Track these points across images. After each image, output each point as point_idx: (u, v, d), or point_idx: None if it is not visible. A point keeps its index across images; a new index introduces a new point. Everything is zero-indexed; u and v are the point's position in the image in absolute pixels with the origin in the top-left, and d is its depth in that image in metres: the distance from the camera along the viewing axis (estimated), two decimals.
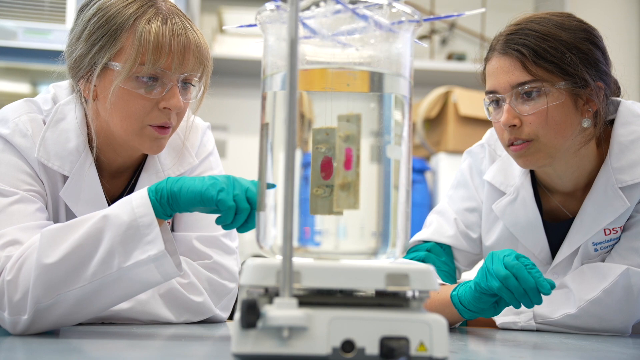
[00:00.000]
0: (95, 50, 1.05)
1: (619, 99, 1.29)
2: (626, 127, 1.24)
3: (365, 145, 0.71)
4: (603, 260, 1.26)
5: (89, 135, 1.13)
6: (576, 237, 1.26)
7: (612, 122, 1.27)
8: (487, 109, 1.25)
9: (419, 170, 2.88)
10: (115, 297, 0.94)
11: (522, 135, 1.18)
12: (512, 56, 1.18)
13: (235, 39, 3.04)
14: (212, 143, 1.28)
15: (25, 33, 2.44)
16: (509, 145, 1.21)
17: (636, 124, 1.24)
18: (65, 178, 1.11)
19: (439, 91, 2.92)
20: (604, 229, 1.24)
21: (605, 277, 1.21)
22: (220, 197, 0.90)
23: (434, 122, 2.96)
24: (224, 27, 1.06)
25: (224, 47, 3.04)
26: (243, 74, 3.17)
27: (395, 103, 0.73)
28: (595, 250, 1.26)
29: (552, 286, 1.02)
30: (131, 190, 1.18)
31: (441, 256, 1.36)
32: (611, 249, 1.26)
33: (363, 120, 0.71)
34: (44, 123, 1.11)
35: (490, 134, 1.41)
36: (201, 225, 1.19)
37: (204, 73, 1.11)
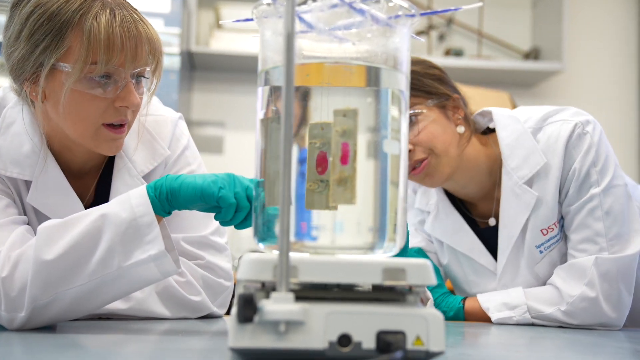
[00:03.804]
0: (39, 51, 0.99)
1: (489, 108, 1.42)
2: (505, 129, 1.36)
3: (362, 140, 0.71)
4: (552, 262, 1.32)
5: (42, 135, 1.08)
6: (506, 237, 1.34)
7: (494, 131, 1.40)
8: None
9: None
10: (114, 295, 0.94)
11: (419, 156, 1.31)
12: None
13: (232, 34, 3.04)
14: (187, 135, 1.23)
15: None
16: (410, 172, 1.33)
17: (513, 124, 1.36)
18: (26, 184, 1.07)
19: None
20: (541, 230, 1.31)
21: (582, 272, 1.25)
22: (222, 194, 0.90)
23: None
24: (220, 22, 1.05)
25: (221, 43, 3.04)
26: (240, 69, 3.16)
27: (392, 98, 0.73)
28: (541, 252, 1.32)
29: None
30: (104, 190, 1.14)
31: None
32: (555, 246, 1.31)
33: (360, 115, 0.71)
34: None
35: None
36: (188, 226, 1.16)
37: (157, 65, 1.06)
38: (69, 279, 0.89)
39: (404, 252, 1.01)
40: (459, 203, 1.45)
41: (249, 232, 1.30)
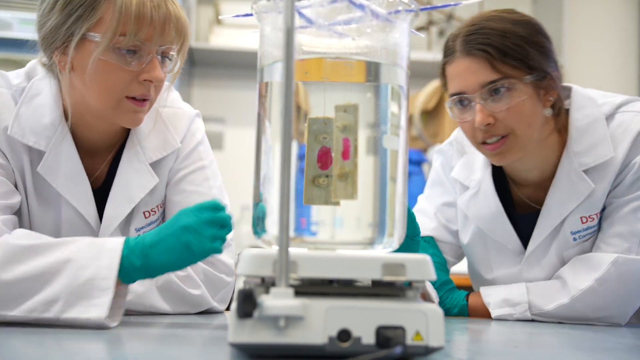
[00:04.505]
0: (71, 21, 1.03)
1: (569, 84, 1.32)
2: (581, 111, 1.27)
3: (362, 136, 0.71)
4: (583, 251, 1.27)
5: (64, 109, 1.11)
6: (545, 224, 1.28)
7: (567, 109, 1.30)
8: (451, 110, 1.27)
9: (416, 162, 2.88)
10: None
11: (498, 132, 1.21)
12: (478, 56, 1.20)
13: (232, 30, 3.03)
14: (202, 131, 1.26)
15: (20, 24, 2.43)
16: (482, 143, 1.23)
17: (590, 107, 1.27)
18: (32, 153, 1.09)
19: (436, 83, 2.92)
20: (580, 217, 1.26)
21: (597, 266, 1.22)
22: (217, 245, 0.89)
23: (431, 114, 2.96)
24: (220, 17, 1.06)
25: (221, 39, 3.03)
26: (240, 65, 3.15)
27: (392, 93, 0.73)
28: (574, 239, 1.27)
29: None
30: (111, 173, 1.16)
31: (428, 249, 1.37)
32: (590, 237, 1.27)
33: (360, 111, 0.71)
34: (13, 98, 1.10)
35: (459, 131, 1.44)
36: None
37: (183, 46, 1.09)
38: (9, 306, 0.88)
39: (416, 241, 0.99)
40: (504, 181, 1.35)
41: (248, 227, 1.30)
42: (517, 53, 1.19)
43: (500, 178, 1.36)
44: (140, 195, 1.15)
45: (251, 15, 0.76)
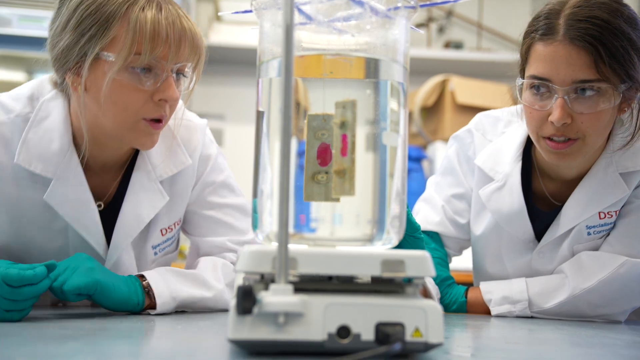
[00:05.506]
0: (84, 40, 1.00)
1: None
2: None
3: (361, 132, 0.71)
4: (593, 247, 1.26)
5: (73, 133, 1.09)
6: (567, 219, 1.24)
7: None
8: (520, 90, 1.17)
9: (416, 158, 2.88)
10: None
11: (569, 133, 1.12)
12: (584, 49, 1.08)
13: (231, 27, 3.03)
14: (214, 141, 1.26)
15: (20, 20, 2.43)
16: (546, 139, 1.15)
17: None
18: (37, 179, 1.07)
19: (436, 80, 2.91)
20: (599, 213, 1.22)
21: (604, 267, 1.21)
22: (13, 316, 0.88)
23: (431, 111, 2.96)
24: (219, 13, 1.06)
25: (221, 36, 3.03)
26: (240, 62, 3.15)
27: (391, 90, 0.73)
28: (589, 234, 1.24)
29: None
30: (122, 189, 1.14)
31: (430, 244, 1.36)
32: (604, 234, 1.25)
33: (359, 107, 0.71)
34: (11, 128, 1.06)
35: (479, 118, 1.39)
36: (231, 231, 1.23)
37: (198, 63, 1.07)
38: None
39: (416, 237, 0.99)
40: (529, 175, 1.29)
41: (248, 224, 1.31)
42: (623, 58, 1.08)
43: (527, 171, 1.29)
44: (150, 215, 1.13)
45: (250, 11, 0.76)
